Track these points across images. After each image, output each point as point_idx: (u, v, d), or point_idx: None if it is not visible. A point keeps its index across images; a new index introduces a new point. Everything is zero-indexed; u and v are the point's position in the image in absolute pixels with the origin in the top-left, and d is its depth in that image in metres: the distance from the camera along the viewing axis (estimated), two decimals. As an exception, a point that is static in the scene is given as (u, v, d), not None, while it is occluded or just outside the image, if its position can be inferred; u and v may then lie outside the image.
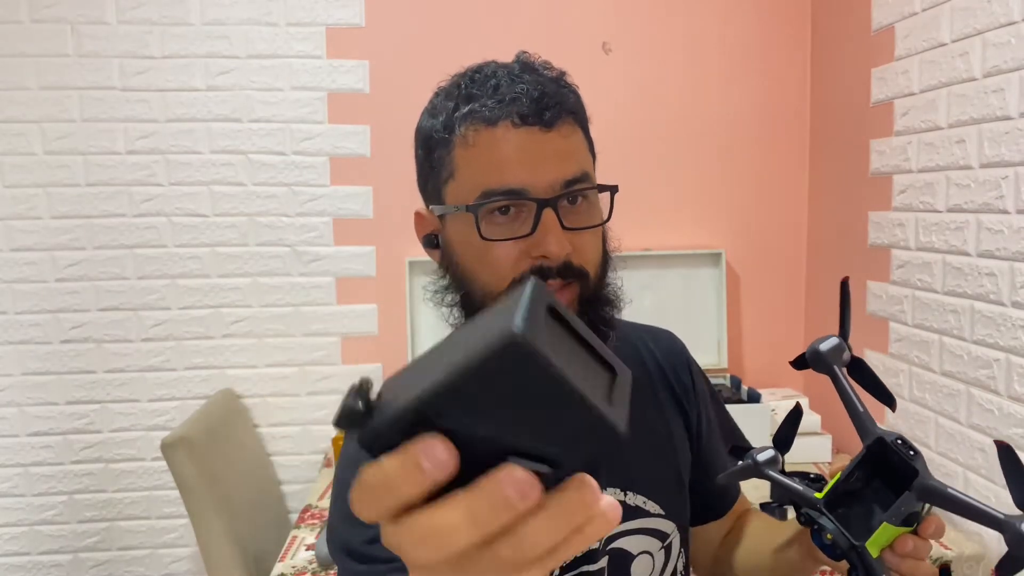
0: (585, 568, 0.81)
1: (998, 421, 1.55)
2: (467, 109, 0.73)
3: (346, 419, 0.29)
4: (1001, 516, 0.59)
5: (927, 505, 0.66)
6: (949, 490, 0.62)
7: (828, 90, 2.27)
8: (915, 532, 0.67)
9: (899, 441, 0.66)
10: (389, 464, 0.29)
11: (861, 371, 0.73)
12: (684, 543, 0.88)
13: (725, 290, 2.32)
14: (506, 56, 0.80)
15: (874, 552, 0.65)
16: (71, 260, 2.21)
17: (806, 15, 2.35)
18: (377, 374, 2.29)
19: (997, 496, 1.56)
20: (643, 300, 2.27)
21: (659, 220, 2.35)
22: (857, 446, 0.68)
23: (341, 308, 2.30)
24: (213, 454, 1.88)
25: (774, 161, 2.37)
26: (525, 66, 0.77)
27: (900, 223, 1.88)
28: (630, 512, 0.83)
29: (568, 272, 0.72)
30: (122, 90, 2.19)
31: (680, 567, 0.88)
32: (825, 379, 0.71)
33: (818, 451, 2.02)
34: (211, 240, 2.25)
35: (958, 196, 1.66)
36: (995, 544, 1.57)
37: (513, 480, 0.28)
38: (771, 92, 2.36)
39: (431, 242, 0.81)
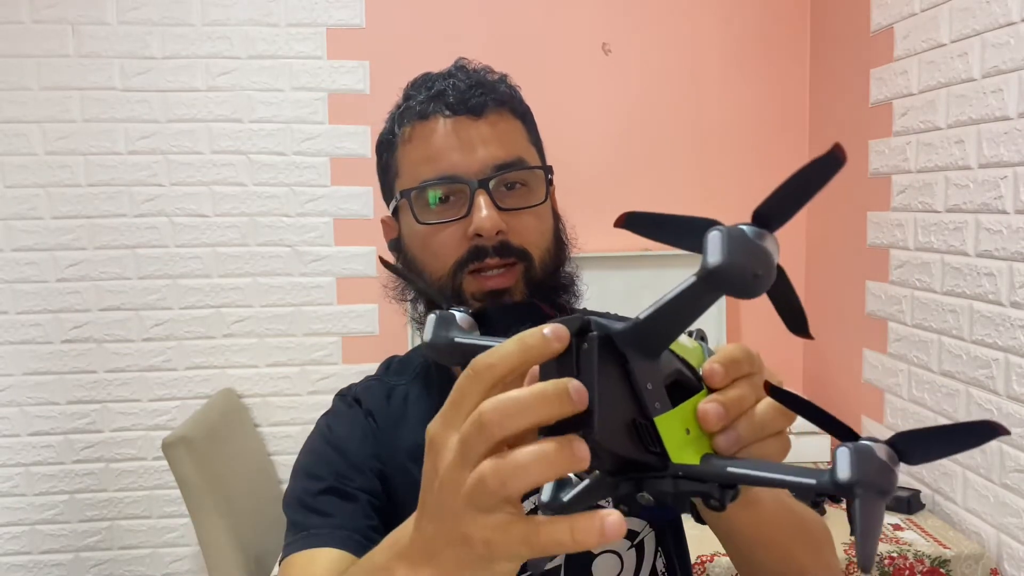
0: None
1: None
2: (404, 108, 0.79)
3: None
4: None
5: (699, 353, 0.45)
6: (617, 325, 0.40)
7: (827, 90, 2.28)
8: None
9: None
10: (551, 382, 0.36)
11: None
12: (662, 542, 0.85)
13: (724, 290, 2.32)
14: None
15: (684, 457, 0.41)
16: (72, 260, 2.22)
17: (805, 15, 2.35)
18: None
19: (996, 496, 1.56)
20: (643, 300, 2.25)
21: (659, 220, 2.35)
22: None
23: (341, 308, 2.31)
24: (214, 454, 1.88)
25: (774, 161, 2.38)
26: (461, 68, 0.81)
27: (899, 223, 1.88)
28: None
29: (507, 251, 0.74)
30: (123, 90, 2.20)
31: (661, 567, 0.84)
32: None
33: (817, 451, 2.02)
34: (212, 240, 2.25)
35: (957, 196, 1.66)
36: (994, 544, 1.58)
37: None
38: (770, 92, 2.36)
39: (394, 246, 0.85)
